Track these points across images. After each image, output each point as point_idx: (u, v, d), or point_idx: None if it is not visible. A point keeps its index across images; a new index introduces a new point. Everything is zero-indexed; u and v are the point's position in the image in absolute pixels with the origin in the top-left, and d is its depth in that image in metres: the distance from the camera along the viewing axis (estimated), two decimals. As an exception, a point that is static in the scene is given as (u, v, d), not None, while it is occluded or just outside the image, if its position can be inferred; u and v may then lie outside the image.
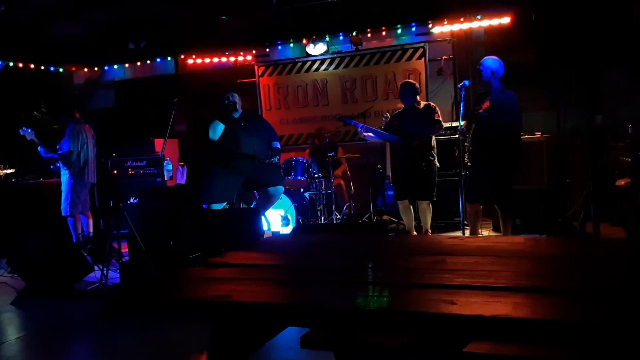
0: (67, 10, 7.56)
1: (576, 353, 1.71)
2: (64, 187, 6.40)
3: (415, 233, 6.06)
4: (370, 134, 6.03)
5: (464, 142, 5.06)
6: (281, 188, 5.91)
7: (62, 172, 6.45)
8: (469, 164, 5.05)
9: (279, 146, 5.98)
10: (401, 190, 5.94)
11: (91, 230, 6.60)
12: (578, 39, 6.57)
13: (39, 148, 6.40)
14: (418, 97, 5.95)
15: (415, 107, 5.86)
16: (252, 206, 6.19)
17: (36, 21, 7.87)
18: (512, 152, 5.03)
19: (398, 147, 5.96)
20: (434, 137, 5.87)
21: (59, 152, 6.35)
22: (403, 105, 6.00)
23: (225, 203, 5.69)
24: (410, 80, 6.12)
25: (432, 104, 5.94)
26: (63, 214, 6.39)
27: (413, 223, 6.00)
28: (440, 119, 5.77)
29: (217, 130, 5.62)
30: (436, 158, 5.82)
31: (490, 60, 5.10)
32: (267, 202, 5.84)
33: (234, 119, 5.72)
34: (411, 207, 5.92)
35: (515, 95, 5.04)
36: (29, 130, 6.45)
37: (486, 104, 5.00)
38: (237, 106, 5.73)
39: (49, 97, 9.04)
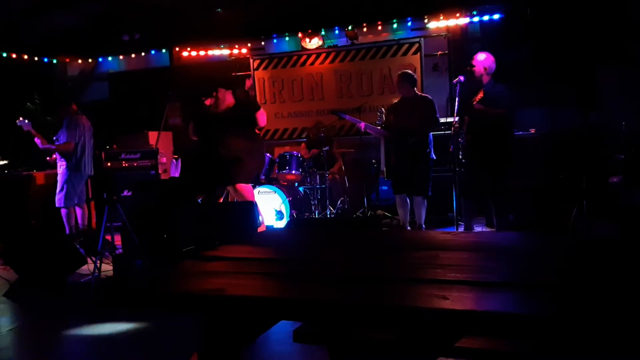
0: (60, 0, 7.51)
1: (566, 347, 1.72)
2: (60, 179, 6.36)
3: (409, 228, 6.08)
4: (365, 128, 6.05)
5: (458, 139, 5.06)
6: (242, 186, 5.46)
7: (58, 164, 6.41)
8: (463, 160, 5.06)
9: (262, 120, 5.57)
10: (398, 185, 5.95)
11: (85, 223, 6.58)
12: (572, 36, 6.61)
13: (35, 139, 6.35)
14: (415, 88, 5.96)
15: (412, 98, 5.86)
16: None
17: (30, 12, 7.81)
18: (505, 147, 5.05)
19: (394, 144, 5.96)
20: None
21: (57, 143, 6.31)
22: (398, 100, 6.01)
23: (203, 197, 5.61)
24: (408, 71, 6.11)
25: (429, 97, 5.93)
26: (57, 206, 6.36)
27: (408, 217, 6.02)
28: (438, 115, 5.79)
29: (193, 129, 5.54)
30: (433, 151, 5.84)
31: (483, 57, 5.10)
32: (237, 198, 5.52)
33: (209, 116, 5.54)
34: (408, 201, 5.94)
35: (508, 89, 5.05)
36: (26, 122, 6.41)
37: (480, 95, 5.01)
38: (218, 102, 5.50)
39: (42, 88, 8.99)
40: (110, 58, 9.73)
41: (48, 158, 6.74)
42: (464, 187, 5.13)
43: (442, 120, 6.51)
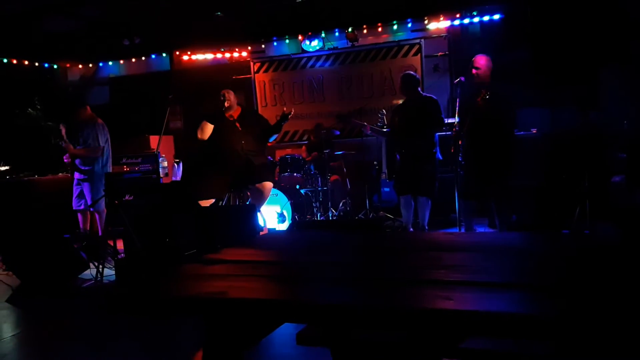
0: (60, 5, 7.52)
1: (570, 348, 1.71)
2: (90, 184, 6.32)
3: (412, 229, 6.07)
4: (370, 131, 6.08)
5: (459, 140, 5.06)
6: (269, 184, 5.83)
7: (83, 167, 6.36)
8: (463, 162, 5.06)
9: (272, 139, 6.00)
10: (403, 186, 5.94)
11: (88, 227, 6.58)
12: (573, 35, 6.60)
13: (61, 143, 6.30)
14: (419, 89, 5.95)
15: (417, 99, 5.85)
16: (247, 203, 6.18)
17: (30, 17, 7.82)
18: (506, 147, 5.05)
19: (400, 146, 5.96)
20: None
21: (79, 147, 6.26)
22: (399, 101, 6.01)
23: (215, 200, 5.70)
24: (410, 73, 6.11)
25: (433, 97, 5.90)
26: (95, 209, 6.34)
27: (412, 219, 6.01)
28: (443, 115, 5.80)
29: (206, 130, 5.62)
30: (439, 151, 5.85)
31: (485, 59, 5.12)
32: (258, 199, 5.77)
33: (225, 117, 5.68)
34: (412, 202, 5.94)
35: (507, 88, 5.07)
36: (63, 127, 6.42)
37: (483, 93, 5.01)
38: (230, 104, 5.69)
39: (43, 93, 9.00)
40: (110, 62, 9.75)
41: (66, 160, 6.58)
42: (463, 188, 5.13)
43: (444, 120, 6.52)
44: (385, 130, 6.09)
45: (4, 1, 7.07)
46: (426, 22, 7.96)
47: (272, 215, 6.60)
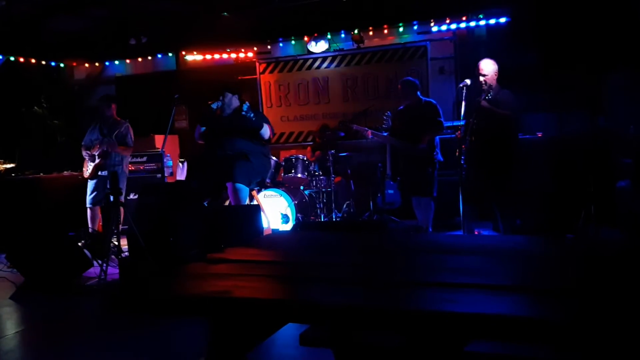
0: (67, 5, 7.54)
1: (576, 353, 1.70)
2: (123, 180, 6.37)
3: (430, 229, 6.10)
4: (372, 136, 6.10)
5: (462, 144, 5.03)
6: (240, 186, 5.38)
7: (112, 162, 6.37)
8: (465, 165, 5.04)
9: (265, 135, 5.66)
10: (406, 189, 6.07)
11: (94, 226, 6.58)
12: (579, 39, 6.58)
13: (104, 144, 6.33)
14: (419, 93, 5.97)
15: (417, 104, 5.87)
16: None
17: (37, 16, 7.85)
18: (508, 151, 5.04)
19: (402, 151, 6.02)
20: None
21: (110, 144, 6.28)
22: (403, 106, 6.03)
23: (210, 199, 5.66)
24: (410, 78, 6.13)
25: (433, 101, 5.95)
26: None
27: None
28: (442, 119, 5.81)
29: (199, 132, 5.63)
30: (440, 153, 5.87)
31: (490, 62, 5.12)
32: (233, 199, 5.44)
33: (219, 119, 5.64)
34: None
35: (512, 94, 5.07)
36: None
37: (484, 98, 5.01)
38: (225, 106, 5.60)
39: (49, 92, 9.03)
40: (117, 62, 9.77)
41: (88, 156, 6.46)
42: (466, 191, 5.12)
43: (449, 124, 6.52)
44: (385, 134, 6.10)
45: (15, 2, 7.10)
46: (432, 24, 7.95)
47: (276, 215, 6.59)
